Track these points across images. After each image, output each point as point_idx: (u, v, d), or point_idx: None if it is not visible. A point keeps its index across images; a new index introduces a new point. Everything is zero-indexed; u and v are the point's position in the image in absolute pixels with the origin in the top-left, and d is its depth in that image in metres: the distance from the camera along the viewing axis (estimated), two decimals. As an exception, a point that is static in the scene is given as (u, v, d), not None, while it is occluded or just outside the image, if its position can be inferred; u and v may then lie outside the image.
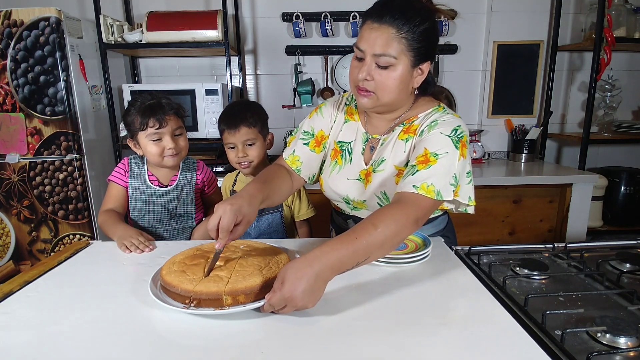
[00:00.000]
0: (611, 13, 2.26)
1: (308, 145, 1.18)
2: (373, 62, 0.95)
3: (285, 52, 2.60)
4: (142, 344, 0.70)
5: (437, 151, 0.95)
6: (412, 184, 0.92)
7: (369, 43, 0.94)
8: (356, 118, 1.16)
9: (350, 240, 0.81)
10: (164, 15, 2.29)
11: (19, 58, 2.01)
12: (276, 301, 0.75)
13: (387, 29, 0.92)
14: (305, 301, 0.75)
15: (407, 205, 0.90)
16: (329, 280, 0.79)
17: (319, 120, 1.19)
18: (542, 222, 2.31)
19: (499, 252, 1.14)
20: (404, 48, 0.94)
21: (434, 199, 0.91)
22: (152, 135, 1.28)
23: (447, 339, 0.69)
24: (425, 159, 0.95)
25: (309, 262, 0.77)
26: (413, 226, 0.88)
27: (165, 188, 1.38)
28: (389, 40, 0.92)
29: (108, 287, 0.91)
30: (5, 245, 2.24)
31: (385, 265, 0.97)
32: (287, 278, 0.75)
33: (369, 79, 0.96)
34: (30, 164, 2.12)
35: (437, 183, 0.92)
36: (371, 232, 0.82)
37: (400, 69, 0.95)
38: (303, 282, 0.74)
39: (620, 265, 1.05)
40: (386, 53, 0.93)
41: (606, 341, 0.72)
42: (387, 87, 0.97)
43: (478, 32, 2.63)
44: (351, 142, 1.15)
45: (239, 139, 1.37)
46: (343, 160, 1.15)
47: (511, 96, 2.68)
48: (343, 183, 1.14)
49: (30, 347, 0.69)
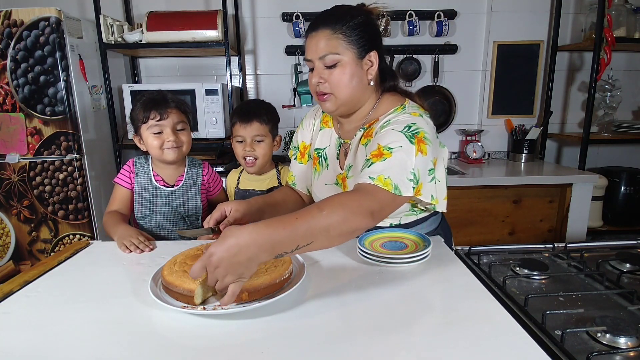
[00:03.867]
0: (611, 13, 2.26)
1: (296, 159, 1.28)
2: (321, 65, 1.01)
3: (285, 52, 2.60)
4: (142, 344, 0.70)
5: (389, 144, 0.93)
6: (368, 175, 0.89)
7: (312, 50, 1.01)
8: (330, 124, 1.21)
9: (289, 220, 0.74)
10: (164, 15, 2.29)
11: (19, 58, 2.01)
12: (198, 266, 0.71)
13: (323, 32, 0.99)
14: (221, 271, 0.69)
15: (361, 195, 0.85)
16: (259, 260, 0.71)
17: (301, 133, 1.28)
18: (542, 222, 2.31)
19: (499, 252, 1.14)
20: (343, 43, 0.99)
21: (392, 192, 0.87)
22: (153, 128, 1.29)
23: (447, 339, 0.69)
24: (379, 153, 0.92)
25: (240, 233, 0.70)
26: (367, 218, 0.81)
27: (171, 188, 1.38)
28: (327, 40, 0.99)
29: (108, 287, 0.91)
30: (5, 245, 2.24)
31: (385, 265, 0.97)
32: (217, 240, 0.71)
33: (322, 81, 1.01)
34: (30, 164, 2.12)
35: (394, 177, 0.88)
36: (314, 215, 0.76)
37: (347, 63, 0.99)
38: (221, 250, 0.69)
39: (620, 265, 1.05)
40: (328, 52, 0.99)
41: (606, 341, 0.72)
42: (341, 83, 1.00)
43: (478, 32, 2.63)
44: (325, 148, 1.19)
45: (249, 133, 1.40)
46: (321, 167, 1.20)
47: (511, 96, 2.68)
48: (322, 188, 1.18)
49: (30, 347, 0.69)
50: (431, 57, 2.64)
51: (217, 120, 2.32)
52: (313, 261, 1.01)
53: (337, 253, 1.06)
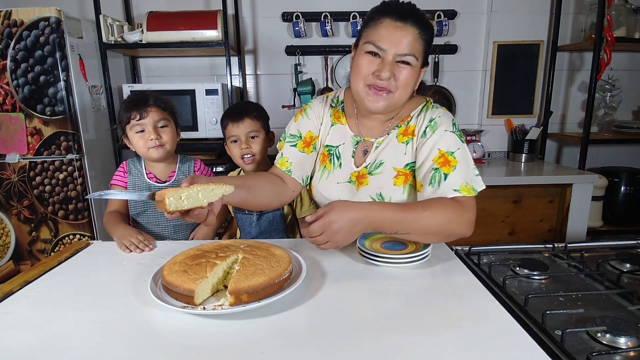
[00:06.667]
0: (611, 13, 2.26)
1: (296, 146, 1.16)
2: (393, 60, 0.96)
3: (285, 52, 2.60)
4: (142, 343, 0.70)
5: (450, 149, 1.00)
6: (451, 188, 0.97)
7: (393, 41, 0.95)
8: (343, 121, 1.15)
9: (400, 209, 0.90)
10: (164, 15, 2.29)
11: (19, 58, 2.01)
12: (318, 227, 0.84)
13: (412, 29, 0.95)
14: (339, 237, 0.84)
15: (461, 206, 0.95)
16: (363, 232, 0.89)
17: (305, 122, 1.18)
18: (542, 222, 2.31)
19: (499, 252, 1.14)
20: (421, 49, 0.98)
21: (473, 195, 0.98)
22: (135, 127, 1.32)
23: (447, 339, 0.69)
24: (445, 161, 0.99)
25: (358, 207, 0.87)
26: (466, 226, 0.94)
27: (163, 184, 1.39)
28: (414, 39, 0.96)
29: (108, 287, 0.91)
30: (5, 245, 2.24)
31: (385, 265, 0.97)
32: (335, 209, 0.85)
33: (392, 78, 0.97)
34: (30, 164, 2.12)
35: (469, 180, 0.98)
36: (418, 212, 0.90)
37: (416, 69, 0.99)
38: (344, 219, 0.84)
39: (620, 265, 1.05)
40: (411, 53, 0.96)
41: (606, 341, 0.72)
42: (407, 85, 0.99)
43: (478, 32, 2.63)
44: (339, 146, 1.14)
45: (242, 131, 1.41)
46: (332, 165, 1.15)
47: (511, 96, 2.68)
48: (333, 187, 1.14)
49: (30, 347, 0.69)
50: (431, 57, 2.64)
51: (217, 120, 2.32)
52: (313, 261, 1.01)
53: (337, 253, 1.06)
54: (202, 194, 0.85)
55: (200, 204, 0.85)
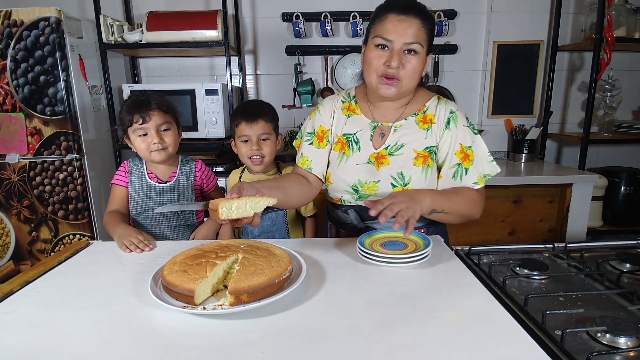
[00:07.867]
0: (611, 13, 2.26)
1: (312, 144, 1.26)
2: (401, 50, 1.05)
3: (285, 52, 2.60)
4: (142, 343, 0.70)
5: (468, 144, 1.15)
6: (471, 182, 1.15)
7: (398, 33, 1.05)
8: (358, 112, 1.24)
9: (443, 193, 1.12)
10: (164, 15, 2.29)
11: (19, 58, 2.01)
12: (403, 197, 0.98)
13: (414, 20, 1.05)
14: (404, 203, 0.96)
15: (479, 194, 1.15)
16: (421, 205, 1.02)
17: (318, 118, 1.27)
18: (542, 222, 2.31)
19: (499, 252, 1.14)
20: (425, 37, 1.07)
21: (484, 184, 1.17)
22: (138, 131, 1.32)
23: (447, 339, 0.69)
24: (465, 155, 1.15)
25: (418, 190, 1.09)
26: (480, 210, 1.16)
27: (164, 184, 1.39)
28: (418, 29, 1.05)
29: (108, 287, 0.91)
30: (5, 245, 2.24)
31: (385, 265, 0.97)
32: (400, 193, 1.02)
33: (401, 67, 1.06)
34: (30, 164, 2.12)
35: (484, 170, 1.16)
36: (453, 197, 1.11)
37: (422, 56, 1.08)
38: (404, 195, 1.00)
39: (620, 265, 1.05)
40: (416, 41, 1.05)
41: (606, 341, 0.72)
42: (415, 72, 1.08)
43: (478, 32, 2.63)
44: (357, 133, 1.22)
45: (255, 132, 1.41)
46: (350, 150, 1.21)
47: (511, 96, 2.68)
48: (352, 169, 1.19)
49: (31, 347, 0.69)
50: (431, 57, 2.64)
51: (217, 120, 2.32)
52: (313, 261, 1.01)
53: (337, 253, 1.06)
54: (249, 205, 0.93)
55: (247, 215, 0.93)
